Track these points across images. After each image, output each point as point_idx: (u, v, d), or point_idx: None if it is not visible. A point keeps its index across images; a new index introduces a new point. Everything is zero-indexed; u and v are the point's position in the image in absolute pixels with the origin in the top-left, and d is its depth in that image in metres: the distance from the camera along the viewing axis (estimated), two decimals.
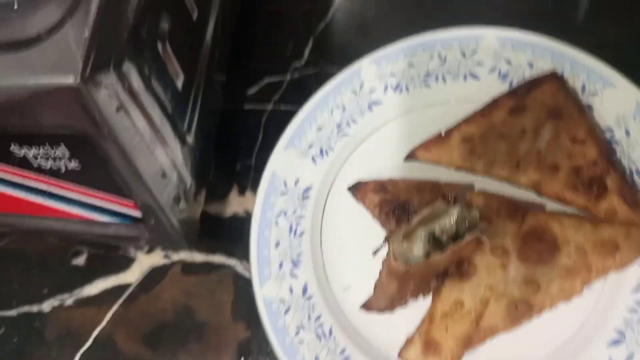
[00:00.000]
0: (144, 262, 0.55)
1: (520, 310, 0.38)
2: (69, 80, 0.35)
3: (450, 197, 0.41)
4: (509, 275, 0.38)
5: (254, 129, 0.57)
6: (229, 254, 0.53)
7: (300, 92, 0.57)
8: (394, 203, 0.43)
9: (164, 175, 0.43)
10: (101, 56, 0.36)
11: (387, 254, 0.37)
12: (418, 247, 0.37)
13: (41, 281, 0.58)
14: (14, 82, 0.37)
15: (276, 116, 0.57)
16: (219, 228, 0.54)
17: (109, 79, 0.37)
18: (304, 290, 0.45)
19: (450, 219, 0.37)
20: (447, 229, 0.37)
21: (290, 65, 0.59)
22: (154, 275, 0.54)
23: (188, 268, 0.54)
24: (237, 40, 0.58)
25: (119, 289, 0.55)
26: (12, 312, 0.58)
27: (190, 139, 0.47)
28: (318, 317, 0.44)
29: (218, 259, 0.53)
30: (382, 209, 0.43)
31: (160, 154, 0.43)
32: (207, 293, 0.52)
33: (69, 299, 0.56)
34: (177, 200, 0.45)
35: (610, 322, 0.38)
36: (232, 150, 0.57)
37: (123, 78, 0.38)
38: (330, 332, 0.43)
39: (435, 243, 0.37)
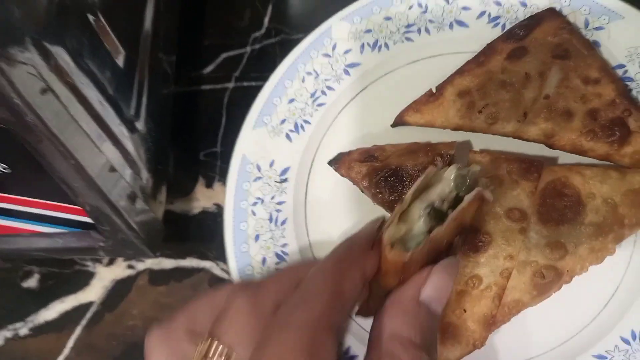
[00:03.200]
0: (105, 276, 0.48)
1: (548, 279, 0.32)
2: None
3: (448, 157, 0.35)
4: (530, 241, 0.33)
5: (215, 111, 0.50)
6: (202, 255, 0.47)
7: (264, 64, 0.50)
8: (385, 170, 0.37)
9: (112, 169, 0.36)
10: (13, 27, 0.29)
11: (381, 247, 0.28)
12: (419, 226, 0.28)
13: None
14: None
15: (239, 94, 0.50)
16: (187, 228, 0.48)
17: (27, 55, 0.30)
18: None
19: (447, 183, 0.29)
20: (446, 195, 0.29)
21: (249, 37, 0.52)
22: (119, 290, 0.48)
23: (156, 277, 0.47)
24: (185, 14, 0.51)
25: (80, 310, 0.48)
26: None
27: (140, 125, 0.40)
28: None
29: (190, 262, 0.47)
30: (372, 179, 0.37)
31: (105, 144, 0.36)
32: (181, 302, 0.46)
33: (23, 328, 0.49)
34: (132, 198, 0.38)
35: None
36: (193, 138, 0.50)
37: (46, 53, 0.31)
38: None
39: (438, 216, 0.29)
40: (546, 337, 0.34)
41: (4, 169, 0.35)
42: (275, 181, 0.42)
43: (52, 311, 0.49)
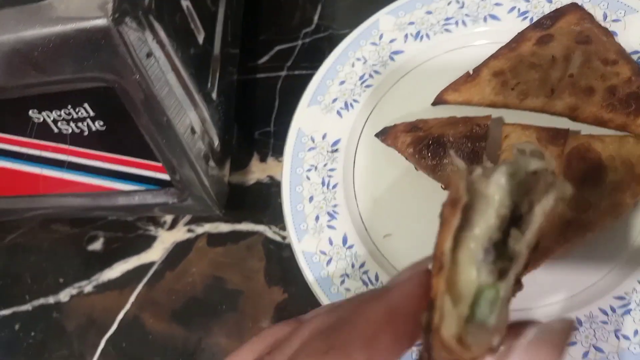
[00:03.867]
0: (166, 239, 0.54)
1: (573, 229, 0.37)
2: (101, 21, 0.34)
3: (484, 126, 0.41)
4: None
5: (269, 96, 0.56)
6: (257, 220, 0.52)
7: (313, 55, 0.56)
8: (428, 138, 0.42)
9: (193, 131, 0.42)
10: (129, 1, 0.35)
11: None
12: (481, 281, 0.18)
13: (56, 271, 0.56)
14: (38, 33, 0.35)
15: (291, 82, 0.56)
16: (243, 197, 0.53)
17: (138, 24, 0.36)
18: (344, 240, 0.44)
19: (498, 203, 0.18)
20: (501, 222, 0.19)
21: (300, 32, 0.59)
22: (179, 251, 0.53)
23: (214, 239, 0.52)
24: (245, 16, 0.58)
25: (142, 269, 0.53)
26: (27, 307, 0.55)
27: (214, 96, 0.46)
28: (362, 265, 0.43)
29: (245, 226, 0.52)
30: (416, 147, 0.42)
31: (189, 108, 0.42)
32: (237, 262, 0.51)
33: (87, 286, 0.54)
34: (206, 158, 0.44)
35: None
36: (250, 119, 0.56)
37: (151, 26, 0.37)
38: (377, 278, 0.42)
39: (498, 248, 0.19)
40: (572, 282, 0.38)
41: (101, 126, 0.41)
42: (327, 151, 0.47)
43: (115, 271, 0.54)
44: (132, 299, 0.52)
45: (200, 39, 0.45)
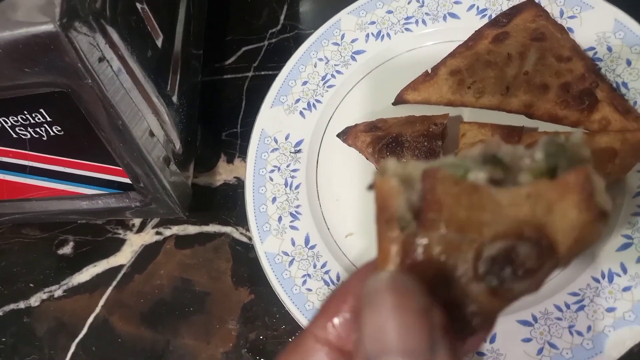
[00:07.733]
0: (135, 242, 0.54)
1: None
2: (48, 26, 0.34)
3: (441, 124, 0.41)
4: None
5: (236, 97, 0.56)
6: (224, 222, 0.52)
7: (280, 56, 0.56)
8: (387, 138, 0.42)
9: (151, 134, 0.42)
10: (78, 4, 0.35)
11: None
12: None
13: (26, 276, 0.56)
14: None
15: (258, 82, 0.56)
16: (211, 198, 0.53)
17: (89, 28, 0.36)
18: (307, 240, 0.44)
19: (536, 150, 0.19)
20: (522, 159, 0.19)
21: (267, 32, 0.59)
22: (147, 254, 0.53)
23: (182, 241, 0.52)
24: (210, 14, 0.58)
25: (111, 272, 0.53)
26: None
27: (175, 99, 0.46)
28: (324, 265, 0.43)
29: (212, 228, 0.52)
30: (376, 146, 0.42)
31: (146, 111, 0.42)
32: (204, 263, 0.51)
33: (58, 290, 0.54)
34: (167, 161, 0.44)
35: (617, 229, 0.38)
36: (216, 120, 0.56)
37: (103, 29, 0.37)
38: (338, 278, 0.42)
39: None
40: None
41: (58, 131, 0.41)
42: (290, 152, 0.47)
43: (85, 274, 0.54)
44: (101, 302, 0.52)
45: (159, 41, 0.45)
